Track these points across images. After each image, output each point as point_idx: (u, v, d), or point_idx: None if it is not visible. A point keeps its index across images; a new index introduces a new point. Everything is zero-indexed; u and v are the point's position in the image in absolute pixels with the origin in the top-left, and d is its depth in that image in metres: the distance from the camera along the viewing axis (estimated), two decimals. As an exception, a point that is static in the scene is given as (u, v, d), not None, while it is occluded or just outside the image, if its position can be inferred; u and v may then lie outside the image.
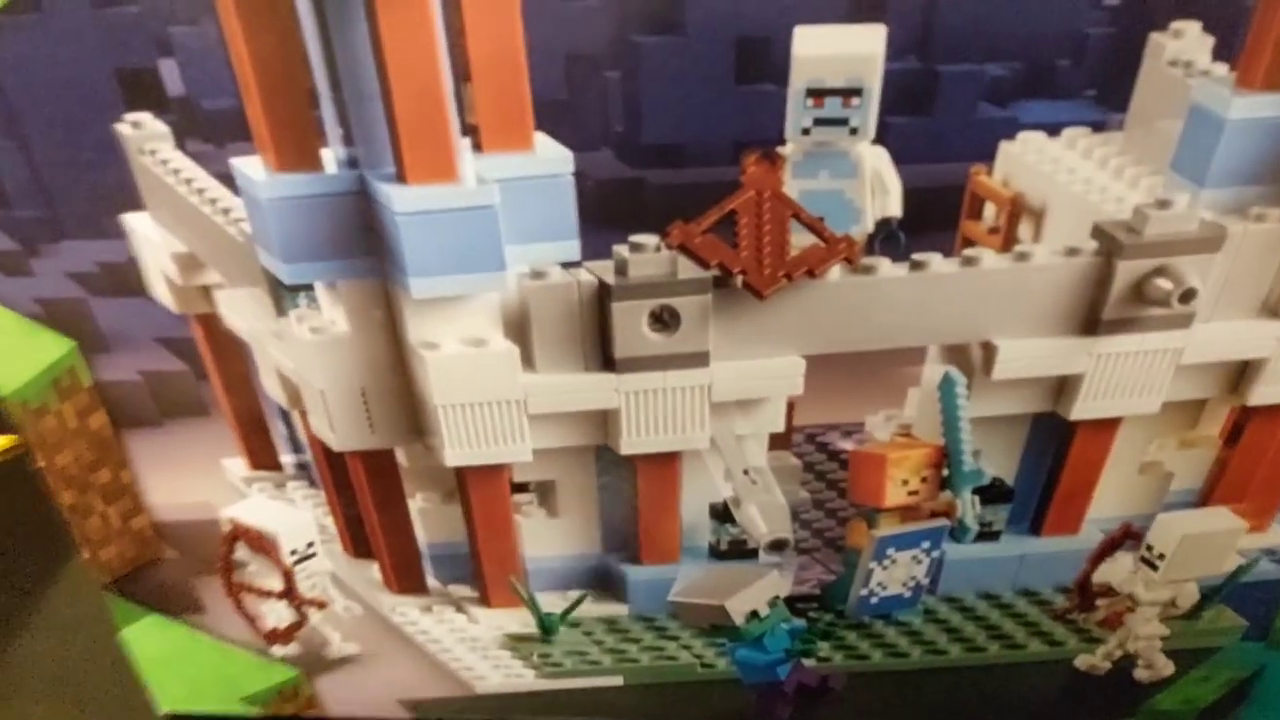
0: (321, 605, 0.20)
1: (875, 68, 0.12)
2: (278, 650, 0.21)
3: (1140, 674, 0.21)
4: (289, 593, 0.20)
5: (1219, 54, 0.14)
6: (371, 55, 0.12)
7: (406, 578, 0.19)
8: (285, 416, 0.18)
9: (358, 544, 0.19)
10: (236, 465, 0.18)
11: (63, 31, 0.13)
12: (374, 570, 0.19)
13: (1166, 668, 0.21)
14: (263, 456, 0.18)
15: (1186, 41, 0.12)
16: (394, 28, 0.12)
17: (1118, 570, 0.20)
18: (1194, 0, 0.13)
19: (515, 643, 0.20)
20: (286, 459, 0.18)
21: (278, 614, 0.20)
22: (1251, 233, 0.14)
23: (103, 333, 0.16)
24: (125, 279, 0.15)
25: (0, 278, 0.16)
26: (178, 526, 0.18)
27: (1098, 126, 0.14)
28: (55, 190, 0.14)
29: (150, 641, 0.21)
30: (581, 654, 0.20)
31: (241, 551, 0.20)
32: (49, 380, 0.17)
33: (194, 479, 0.18)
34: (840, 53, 0.12)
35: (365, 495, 0.17)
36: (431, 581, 0.19)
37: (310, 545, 0.19)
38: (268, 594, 0.20)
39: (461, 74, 0.13)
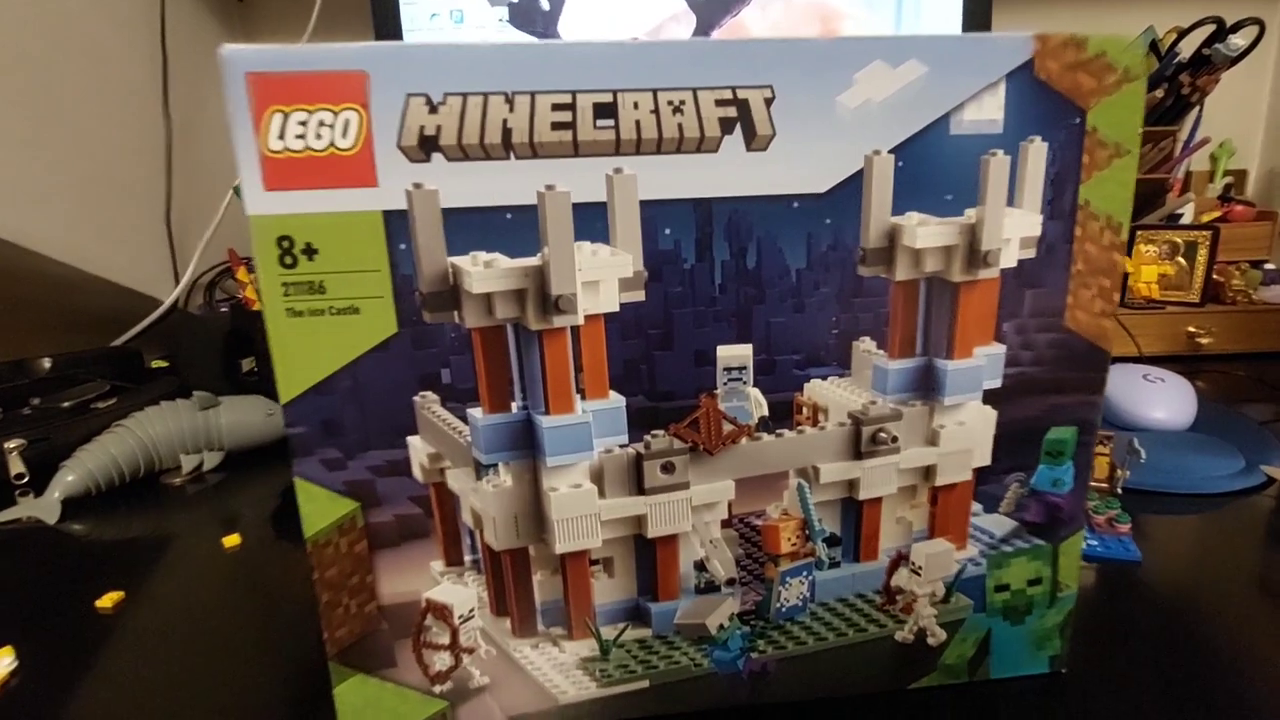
0: (471, 651, 0.32)
1: (749, 359, 0.29)
2: (437, 688, 0.32)
3: (931, 641, 0.33)
4: (453, 643, 0.33)
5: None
6: (539, 362, 0.28)
7: (525, 626, 0.30)
8: (471, 534, 0.30)
9: (499, 606, 0.30)
10: (438, 564, 0.30)
11: (395, 359, 0.28)
12: (506, 623, 0.30)
13: (943, 635, 0.34)
14: (454, 557, 0.30)
15: (868, 344, 0.30)
16: (550, 353, 0.28)
17: (902, 577, 0.33)
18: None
19: (586, 663, 0.30)
20: (467, 558, 0.30)
21: (442, 660, 0.31)
22: (909, 411, 0.31)
23: (378, 495, 0.29)
24: (400, 468, 0.29)
25: (324, 470, 0.29)
26: (394, 607, 0.29)
27: (843, 375, 0.31)
28: (370, 431, 0.28)
29: (352, 694, 0.30)
30: (624, 666, 0.31)
31: (428, 619, 0.32)
32: (337, 526, 0.30)
33: (411, 576, 0.30)
34: (734, 354, 0.29)
35: (508, 574, 0.30)
36: (540, 628, 0.31)
37: (471, 610, 0.31)
38: (439, 646, 0.32)
39: (578, 366, 0.29)
